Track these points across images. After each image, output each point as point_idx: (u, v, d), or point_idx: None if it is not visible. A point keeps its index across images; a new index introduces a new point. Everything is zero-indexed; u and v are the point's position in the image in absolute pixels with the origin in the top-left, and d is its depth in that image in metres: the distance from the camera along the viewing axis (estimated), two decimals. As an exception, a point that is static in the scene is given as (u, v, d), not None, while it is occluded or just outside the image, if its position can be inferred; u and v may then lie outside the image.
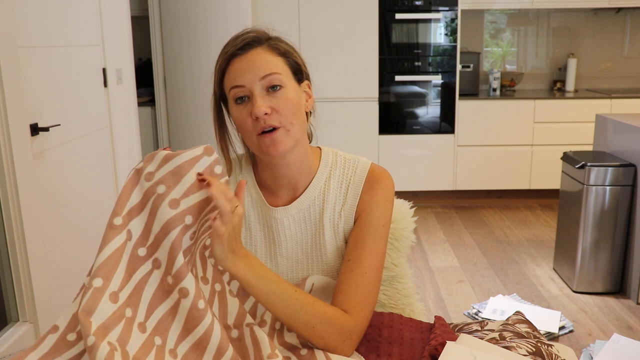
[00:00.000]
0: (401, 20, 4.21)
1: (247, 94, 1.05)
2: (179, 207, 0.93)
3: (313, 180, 1.16)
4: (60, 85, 2.49)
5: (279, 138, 1.04)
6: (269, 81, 1.04)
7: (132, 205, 0.95)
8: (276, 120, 1.04)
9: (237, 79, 1.05)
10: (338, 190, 1.17)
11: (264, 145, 1.05)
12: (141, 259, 0.94)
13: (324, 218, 1.16)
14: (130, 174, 0.97)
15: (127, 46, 3.23)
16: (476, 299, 2.89)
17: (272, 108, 1.04)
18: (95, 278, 0.90)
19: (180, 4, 3.90)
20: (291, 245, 1.18)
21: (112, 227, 0.93)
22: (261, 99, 1.03)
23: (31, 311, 2.21)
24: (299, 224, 1.17)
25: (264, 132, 1.04)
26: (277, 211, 1.17)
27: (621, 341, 1.87)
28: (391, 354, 1.06)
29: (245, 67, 1.05)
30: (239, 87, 1.05)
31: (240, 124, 1.07)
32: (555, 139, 4.30)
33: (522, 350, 1.02)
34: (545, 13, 4.70)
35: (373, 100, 4.30)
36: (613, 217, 2.86)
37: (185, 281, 0.93)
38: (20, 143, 2.12)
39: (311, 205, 1.17)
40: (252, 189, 1.19)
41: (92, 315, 0.87)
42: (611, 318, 2.69)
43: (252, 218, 1.19)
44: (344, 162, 1.19)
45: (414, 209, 1.46)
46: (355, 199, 1.15)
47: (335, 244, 1.17)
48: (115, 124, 3.06)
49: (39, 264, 2.21)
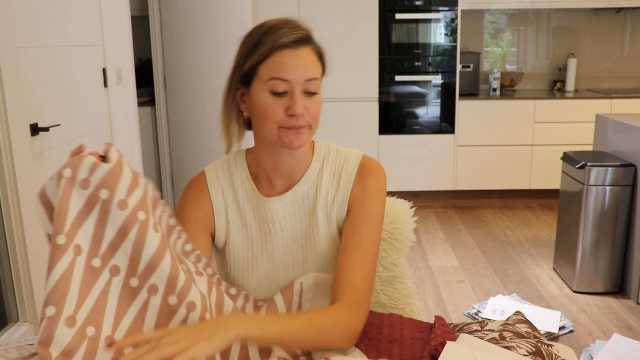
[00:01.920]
0: (401, 20, 4.21)
1: (287, 89, 1.07)
2: (129, 207, 0.92)
3: (307, 171, 1.19)
4: (60, 85, 2.49)
5: (303, 134, 1.09)
6: (310, 85, 1.08)
7: (73, 217, 0.90)
8: (306, 120, 1.09)
9: (283, 72, 1.06)
10: (331, 180, 1.19)
11: (287, 137, 1.08)
12: (97, 270, 0.91)
13: (317, 208, 1.18)
14: (61, 185, 0.91)
15: (127, 46, 3.23)
16: (476, 299, 2.89)
17: (307, 110, 1.08)
18: (47, 307, 0.86)
19: (180, 4, 3.90)
20: (286, 236, 1.19)
21: (57, 248, 0.88)
22: (301, 99, 1.07)
23: (31, 311, 2.21)
24: (293, 214, 1.18)
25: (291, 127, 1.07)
26: (272, 201, 1.18)
27: (621, 341, 1.87)
28: (391, 354, 1.06)
29: (295, 63, 1.06)
30: (282, 80, 1.06)
31: (266, 112, 1.07)
32: (555, 139, 4.30)
33: (522, 350, 1.02)
34: (545, 13, 4.70)
35: (373, 100, 4.30)
36: (613, 217, 2.86)
37: (191, 294, 0.92)
38: (20, 143, 2.11)
39: (305, 196, 1.18)
40: (246, 183, 1.20)
41: (50, 346, 0.84)
42: (611, 318, 2.69)
43: (247, 211, 1.19)
44: (336, 153, 1.22)
45: (414, 209, 1.46)
46: (348, 188, 1.17)
47: (329, 234, 1.18)
48: (115, 124, 3.06)
49: (39, 264, 2.21)
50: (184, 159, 4.18)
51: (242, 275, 1.20)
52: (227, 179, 1.20)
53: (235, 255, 1.20)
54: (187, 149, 4.14)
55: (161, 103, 4.19)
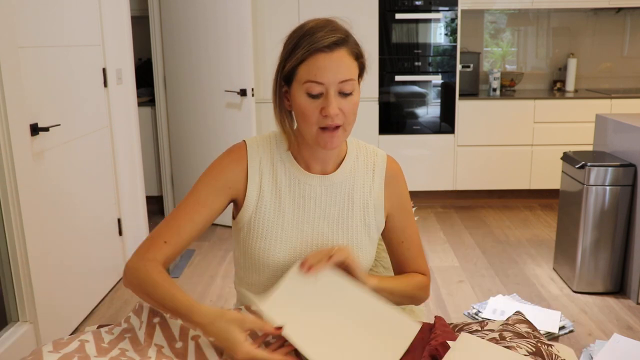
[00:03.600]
0: (401, 20, 4.21)
1: (322, 91, 1.11)
2: None
3: (344, 162, 1.25)
4: (60, 85, 2.49)
5: (338, 136, 1.14)
6: (345, 86, 1.12)
7: None
8: (341, 120, 1.13)
9: (317, 76, 1.10)
10: (365, 171, 1.27)
11: (322, 140, 1.14)
12: None
13: (354, 196, 1.25)
14: None
15: (127, 46, 3.23)
16: (476, 299, 2.89)
17: (341, 110, 1.12)
18: None
19: (180, 4, 3.90)
20: (318, 215, 1.23)
21: None
22: (336, 101, 1.11)
23: (31, 311, 2.21)
24: (330, 196, 1.23)
25: (325, 127, 1.12)
26: (313, 178, 1.23)
27: (621, 341, 1.87)
28: (391, 354, 1.06)
29: (329, 66, 1.10)
30: (317, 83, 1.10)
31: (304, 113, 1.13)
32: (555, 139, 4.30)
33: (522, 350, 1.02)
34: (545, 13, 4.70)
35: (373, 100, 4.30)
36: (613, 217, 2.86)
37: None
38: (20, 143, 2.12)
39: (343, 181, 1.24)
40: (286, 159, 1.24)
41: None
42: (611, 318, 2.69)
43: (283, 184, 1.22)
44: (365, 148, 1.30)
45: (414, 209, 1.46)
46: (382, 182, 1.27)
47: (363, 222, 1.25)
48: (115, 124, 3.06)
49: (39, 264, 2.21)
50: (184, 159, 4.18)
51: (270, 247, 1.21)
52: (267, 152, 1.24)
53: (264, 226, 1.21)
54: (187, 149, 4.14)
55: (161, 103, 4.19)
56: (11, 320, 2.22)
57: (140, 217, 3.42)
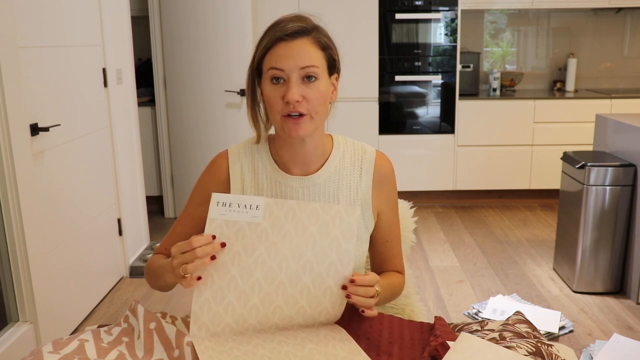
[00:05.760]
0: (401, 20, 4.21)
1: (284, 77, 1.13)
2: None
3: (327, 161, 1.25)
4: (60, 85, 2.49)
5: (303, 124, 1.14)
6: (307, 72, 1.12)
7: None
8: (304, 108, 1.13)
9: (278, 62, 1.12)
10: (351, 169, 1.26)
11: (287, 127, 1.14)
12: None
13: (339, 194, 1.24)
14: None
15: (127, 46, 3.24)
16: (476, 299, 2.89)
17: (304, 97, 1.12)
18: None
19: (180, 4, 3.90)
20: None
21: None
22: (296, 87, 1.12)
23: (31, 311, 2.21)
24: (313, 197, 1.24)
25: (290, 115, 1.13)
26: (294, 179, 1.23)
27: (621, 341, 1.87)
28: (391, 354, 1.06)
29: (288, 53, 1.12)
30: (278, 70, 1.12)
31: (270, 102, 1.15)
32: (555, 139, 4.30)
33: (522, 350, 1.02)
34: (545, 13, 4.70)
35: (373, 100, 4.30)
36: (613, 217, 2.86)
37: None
38: (20, 143, 2.12)
39: (327, 181, 1.24)
40: (267, 163, 1.25)
41: None
42: (611, 318, 2.69)
43: (264, 188, 1.24)
44: (353, 145, 1.30)
45: (414, 209, 1.46)
46: (369, 179, 1.26)
47: None
48: (115, 124, 3.06)
49: (39, 264, 2.21)
50: (184, 159, 4.18)
51: None
52: (249, 158, 1.25)
53: None
54: (187, 149, 4.14)
55: (161, 103, 4.19)
56: (11, 320, 2.22)
57: (140, 217, 3.42)
